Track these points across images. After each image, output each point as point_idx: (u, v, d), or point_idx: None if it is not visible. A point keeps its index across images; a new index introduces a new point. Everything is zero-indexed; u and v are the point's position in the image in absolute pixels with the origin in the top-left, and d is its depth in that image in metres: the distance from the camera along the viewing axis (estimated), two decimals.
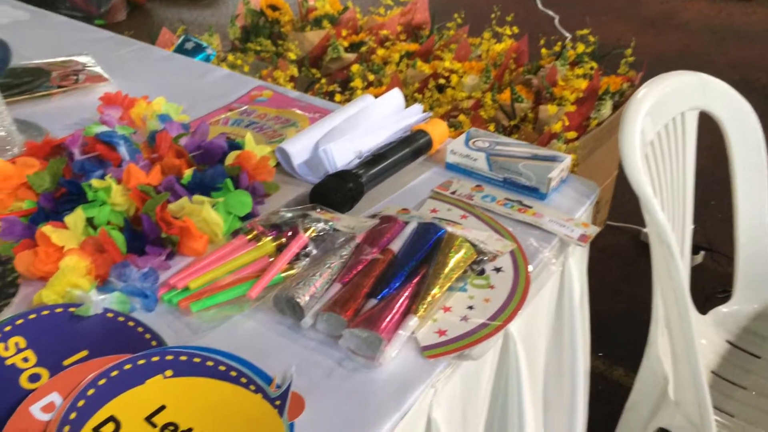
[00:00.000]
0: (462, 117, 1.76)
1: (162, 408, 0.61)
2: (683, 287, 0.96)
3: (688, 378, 1.06)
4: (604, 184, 2.06)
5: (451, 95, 1.91)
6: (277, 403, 0.62)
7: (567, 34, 3.64)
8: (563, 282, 0.93)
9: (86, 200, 0.83)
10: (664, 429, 1.19)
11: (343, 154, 0.96)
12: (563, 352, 0.99)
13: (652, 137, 1.01)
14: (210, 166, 0.93)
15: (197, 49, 1.61)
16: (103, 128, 0.98)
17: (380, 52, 2.16)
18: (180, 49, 1.64)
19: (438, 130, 1.05)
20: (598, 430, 1.23)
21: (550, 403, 1.01)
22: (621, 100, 2.01)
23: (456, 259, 0.78)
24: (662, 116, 1.03)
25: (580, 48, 2.17)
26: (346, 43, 2.24)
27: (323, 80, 1.93)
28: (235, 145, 0.96)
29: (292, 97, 1.24)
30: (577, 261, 0.93)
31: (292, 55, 1.98)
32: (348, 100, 1.55)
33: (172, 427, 0.59)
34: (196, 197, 0.83)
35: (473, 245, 0.81)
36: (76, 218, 0.79)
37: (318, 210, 0.84)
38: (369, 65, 2.01)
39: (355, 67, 1.95)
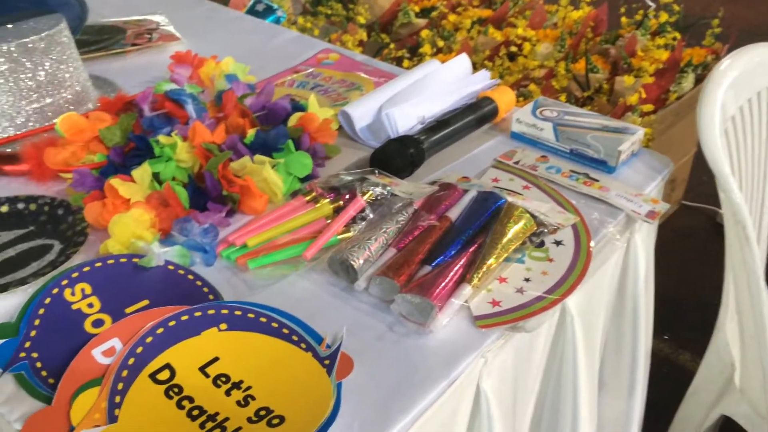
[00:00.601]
0: (532, 86, 1.71)
1: (215, 359, 0.62)
2: (757, 271, 0.91)
3: (756, 366, 1.01)
4: (680, 162, 1.97)
5: (522, 64, 1.85)
6: (326, 362, 0.63)
7: (650, 3, 3.47)
8: (627, 259, 0.89)
9: (153, 155, 0.86)
10: (728, 417, 1.15)
11: (405, 119, 0.95)
12: (624, 332, 0.96)
13: (733, 112, 0.95)
14: (273, 127, 0.94)
15: (268, 11, 1.62)
16: (172, 86, 1.00)
17: (451, 18, 2.12)
18: (251, 11, 1.65)
19: (505, 97, 1.02)
20: (659, 413, 1.20)
21: (607, 383, 0.98)
22: (704, 73, 1.91)
23: (515, 229, 0.76)
24: (746, 90, 0.97)
25: (663, 17, 2.06)
26: (417, 8, 2.20)
27: (392, 45, 1.91)
28: (298, 107, 0.96)
29: (358, 60, 1.23)
30: (644, 238, 0.90)
31: (361, 19, 1.97)
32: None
33: (224, 378, 0.61)
34: (258, 157, 0.84)
35: (533, 216, 0.78)
36: (142, 172, 0.81)
37: (377, 174, 0.83)
38: (439, 31, 1.97)
39: (424, 33, 1.92)
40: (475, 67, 1.65)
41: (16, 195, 0.83)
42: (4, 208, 0.81)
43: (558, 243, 0.79)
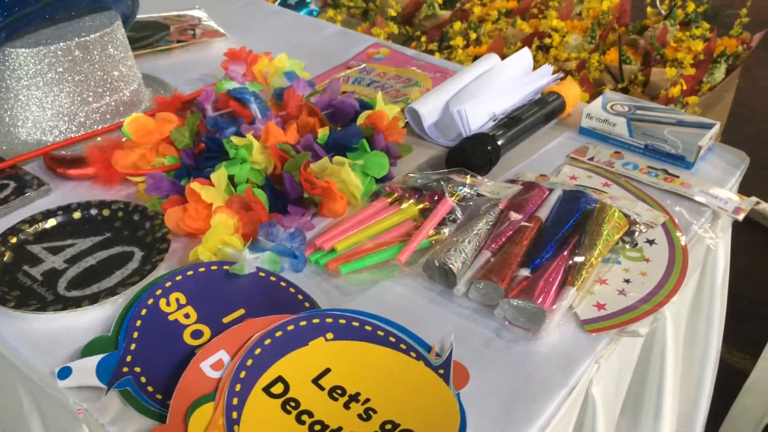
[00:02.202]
0: (569, 79, 1.69)
1: (327, 371, 0.60)
2: None
3: None
4: None
5: (554, 55, 1.83)
6: (441, 371, 0.61)
7: None
8: (708, 256, 0.88)
9: (225, 157, 0.83)
10: None
11: (477, 116, 0.93)
12: (698, 329, 0.94)
13: None
14: (342, 126, 0.91)
15: (300, 4, 1.59)
16: (233, 84, 0.97)
17: (477, 10, 2.09)
18: (283, 4, 1.61)
19: (571, 92, 1.00)
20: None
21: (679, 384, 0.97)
22: (735, 63, 1.90)
23: (610, 229, 0.74)
24: None
25: (690, 7, 2.04)
26: (440, 0, 2.17)
27: (423, 38, 1.88)
28: (365, 105, 0.94)
29: (409, 55, 1.21)
30: (724, 237, 0.88)
31: (392, 12, 1.94)
32: (447, 59, 1.50)
33: (339, 391, 0.58)
34: (337, 158, 0.82)
35: (626, 216, 0.77)
36: (220, 176, 0.78)
37: (461, 174, 0.81)
38: (466, 23, 1.94)
39: (457, 25, 1.89)
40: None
41: (87, 201, 0.80)
42: (77, 215, 0.79)
43: (651, 242, 0.77)
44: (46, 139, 0.92)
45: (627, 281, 0.71)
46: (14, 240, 0.75)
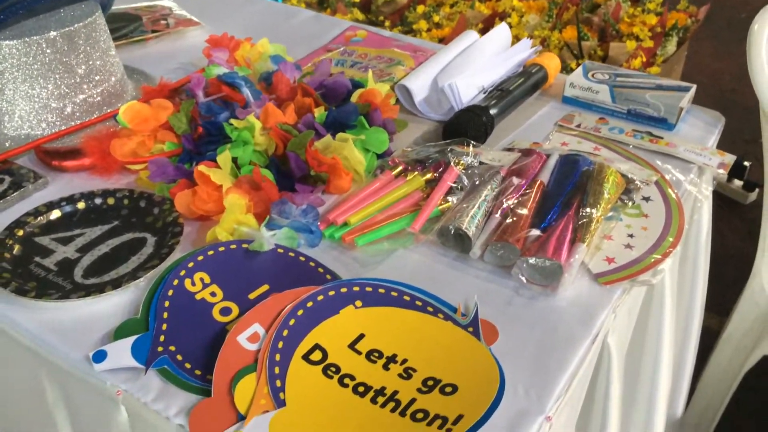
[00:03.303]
0: None
1: (361, 336, 0.61)
2: None
3: None
4: None
5: (515, 35, 1.87)
6: (470, 329, 0.63)
7: None
8: (693, 212, 0.92)
9: (225, 140, 0.83)
10: None
11: (467, 90, 0.95)
12: (684, 282, 0.99)
13: None
14: (336, 105, 0.92)
15: None
16: (223, 70, 0.97)
17: None
18: None
19: (552, 63, 1.04)
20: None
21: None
22: (685, 36, 1.98)
23: (610, 188, 0.77)
24: None
25: None
26: None
27: (387, 23, 1.89)
28: (357, 84, 0.95)
29: (386, 36, 1.22)
30: (707, 194, 0.93)
31: None
32: None
33: (376, 354, 0.60)
34: (341, 135, 0.83)
35: (622, 175, 0.80)
36: (225, 158, 0.78)
37: (462, 144, 0.83)
38: (427, 7, 1.97)
39: (420, 8, 1.91)
40: None
41: (91, 190, 0.79)
42: (81, 205, 0.78)
43: (646, 199, 0.80)
44: (34, 132, 0.90)
45: (631, 236, 0.75)
46: (21, 233, 0.73)
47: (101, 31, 0.94)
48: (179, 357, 0.60)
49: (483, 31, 1.90)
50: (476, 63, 1.00)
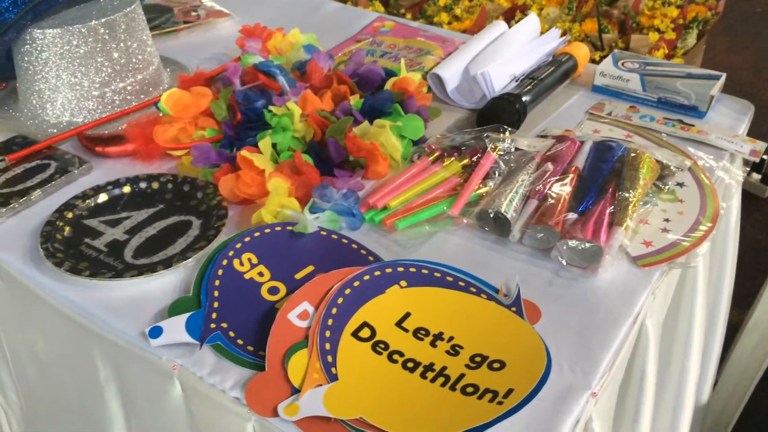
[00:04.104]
0: None
1: (407, 315, 0.63)
2: None
3: None
4: None
5: None
6: (513, 309, 0.64)
7: None
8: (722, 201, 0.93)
9: (264, 127, 0.85)
10: None
11: (499, 78, 0.96)
12: (713, 267, 1.00)
13: None
14: (371, 93, 0.94)
15: None
16: (258, 59, 0.98)
17: None
18: None
19: (582, 52, 1.05)
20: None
21: None
22: (705, 28, 1.97)
23: (645, 173, 0.78)
24: None
25: None
26: None
27: (408, 16, 1.90)
28: (390, 72, 0.96)
29: (414, 26, 1.24)
30: (737, 182, 0.94)
31: None
32: None
33: (423, 332, 0.61)
34: (378, 121, 0.84)
35: (657, 161, 0.81)
36: (266, 144, 0.80)
37: (497, 131, 0.84)
38: (437, 1, 1.97)
39: (442, 1, 1.92)
40: None
41: (135, 175, 0.81)
42: (126, 189, 0.80)
43: (680, 185, 0.81)
44: (75, 120, 0.92)
45: (667, 220, 0.76)
46: (70, 215, 0.75)
47: (140, 21, 0.96)
48: (231, 333, 0.62)
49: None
50: (507, 52, 1.02)
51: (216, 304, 0.64)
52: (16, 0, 0.87)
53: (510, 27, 1.10)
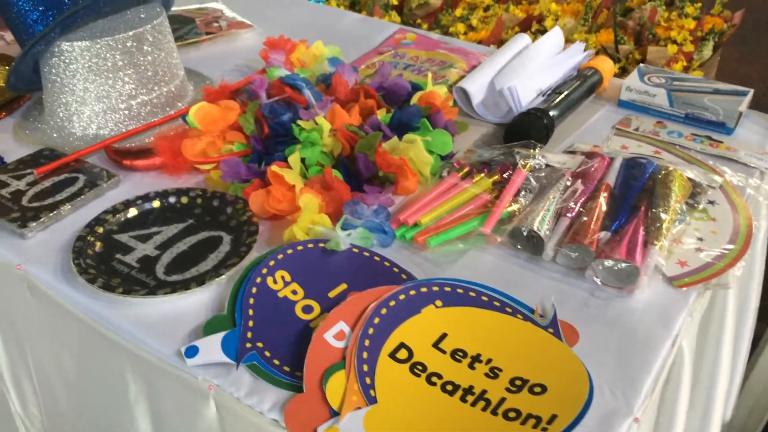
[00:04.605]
0: None
1: (444, 335, 0.62)
2: None
3: None
4: None
5: None
6: (550, 330, 0.63)
7: None
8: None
9: (293, 141, 0.84)
10: None
11: (526, 93, 0.96)
12: (740, 289, 0.99)
13: None
14: (398, 107, 0.93)
15: None
16: (284, 72, 0.98)
17: None
18: None
19: (606, 66, 1.04)
20: None
21: None
22: (721, 40, 1.97)
23: (677, 192, 0.78)
24: None
25: None
26: None
27: (424, 26, 1.91)
28: (415, 86, 0.96)
29: (435, 38, 1.23)
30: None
31: (394, 1, 1.95)
32: None
33: (461, 353, 0.61)
34: (408, 136, 0.84)
35: (688, 179, 0.81)
36: (295, 159, 0.80)
37: (526, 147, 0.84)
38: (466, 10, 1.97)
39: (459, 11, 1.92)
40: (503, 43, 1.63)
41: (165, 189, 0.81)
42: (156, 203, 0.79)
43: (712, 203, 0.81)
44: (101, 132, 0.92)
45: (700, 239, 0.75)
46: (101, 230, 0.75)
47: (167, 33, 0.96)
48: (267, 353, 0.61)
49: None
50: (532, 66, 1.01)
51: (251, 323, 0.63)
52: (44, 13, 0.87)
53: (527, 36, 1.10)
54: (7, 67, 1.06)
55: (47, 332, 0.75)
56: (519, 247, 0.74)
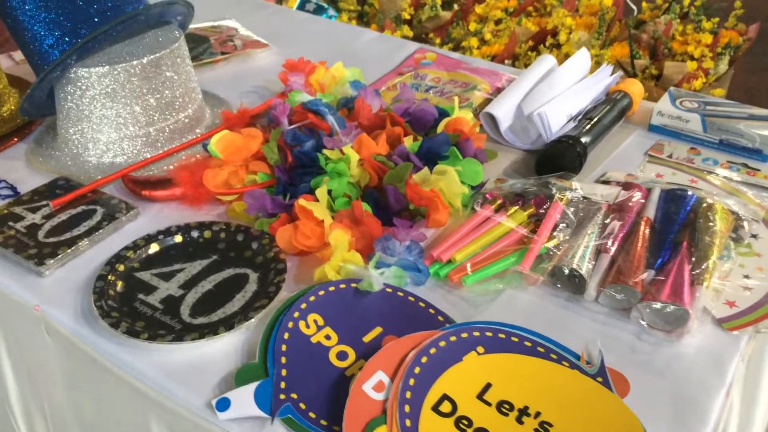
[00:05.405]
0: None
1: (488, 386, 0.59)
2: None
3: None
4: None
5: (565, 52, 1.85)
6: (599, 379, 0.60)
7: None
8: None
9: (319, 171, 0.81)
10: None
11: (556, 118, 0.93)
12: None
13: None
14: (425, 133, 0.90)
15: (319, 10, 1.56)
16: (306, 97, 0.95)
17: (478, 9, 2.10)
18: (302, 10, 1.59)
19: (636, 89, 1.01)
20: None
21: None
22: (736, 54, 1.95)
23: (720, 226, 0.75)
24: None
25: (687, 0, 2.09)
26: (439, 1, 2.17)
27: (437, 40, 1.88)
28: (441, 111, 0.93)
29: (455, 58, 1.20)
30: None
31: (406, 15, 1.93)
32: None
33: (507, 406, 0.58)
34: (438, 167, 0.81)
35: (732, 212, 0.78)
36: (322, 192, 0.77)
37: (562, 178, 0.81)
38: (480, 24, 1.95)
39: (472, 25, 1.90)
40: (518, 58, 1.62)
41: (186, 223, 0.78)
42: (178, 238, 0.76)
43: (754, 236, 0.78)
44: (117, 160, 0.89)
45: (746, 277, 0.72)
46: (122, 268, 0.72)
47: (185, 56, 0.93)
48: (302, 405, 0.58)
49: (532, 48, 1.88)
50: (560, 89, 0.98)
51: (284, 372, 0.60)
52: (60, 38, 0.84)
53: (552, 58, 1.07)
54: (16, 91, 1.03)
55: (65, 374, 0.72)
56: (559, 285, 0.71)
